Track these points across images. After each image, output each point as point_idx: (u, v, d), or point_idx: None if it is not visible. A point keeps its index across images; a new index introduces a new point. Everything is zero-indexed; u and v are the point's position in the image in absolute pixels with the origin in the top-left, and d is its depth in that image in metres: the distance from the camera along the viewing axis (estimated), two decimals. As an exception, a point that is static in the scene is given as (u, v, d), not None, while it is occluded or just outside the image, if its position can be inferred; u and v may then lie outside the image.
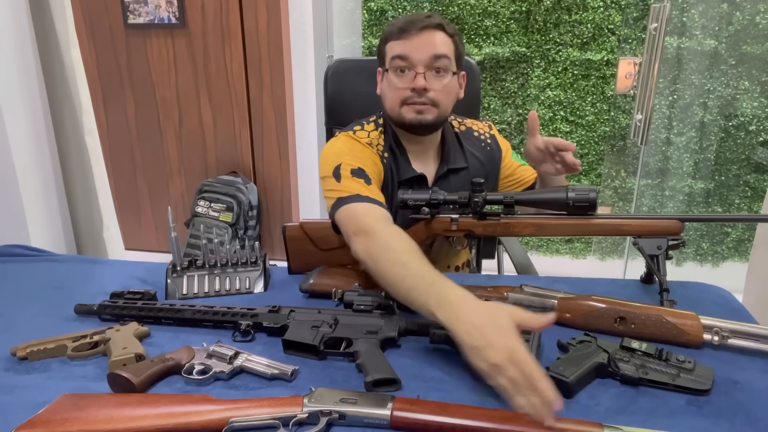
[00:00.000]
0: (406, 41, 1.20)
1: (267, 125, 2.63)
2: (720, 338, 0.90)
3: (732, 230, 2.73)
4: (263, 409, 0.75)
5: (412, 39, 1.20)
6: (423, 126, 1.24)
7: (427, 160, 1.32)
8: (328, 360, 0.91)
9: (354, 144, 1.25)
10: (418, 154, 1.30)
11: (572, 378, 0.80)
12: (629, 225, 1.08)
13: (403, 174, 1.27)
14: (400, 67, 1.21)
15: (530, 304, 1.00)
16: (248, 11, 2.48)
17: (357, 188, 1.11)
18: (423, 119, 1.22)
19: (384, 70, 1.25)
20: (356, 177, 1.14)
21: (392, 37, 1.22)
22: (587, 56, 2.57)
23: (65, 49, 1.79)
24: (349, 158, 1.18)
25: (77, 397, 0.79)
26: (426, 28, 1.19)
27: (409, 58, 1.20)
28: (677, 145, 2.65)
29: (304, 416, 0.75)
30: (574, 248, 2.90)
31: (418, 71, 1.19)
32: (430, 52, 1.19)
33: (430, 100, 1.21)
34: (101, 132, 2.41)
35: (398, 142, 1.29)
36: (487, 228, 1.13)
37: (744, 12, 2.42)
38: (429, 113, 1.22)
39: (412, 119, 1.22)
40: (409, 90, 1.20)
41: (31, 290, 1.18)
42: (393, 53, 1.22)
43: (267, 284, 1.17)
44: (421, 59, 1.19)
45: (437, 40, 1.20)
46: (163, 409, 0.76)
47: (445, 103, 1.23)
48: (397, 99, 1.22)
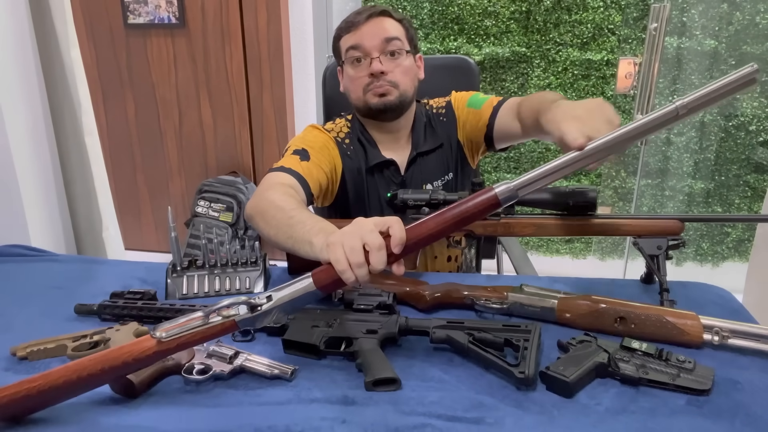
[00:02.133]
0: (356, 32, 1.25)
1: (267, 125, 2.63)
2: (720, 338, 0.90)
3: (732, 230, 2.73)
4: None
5: (361, 28, 1.25)
6: (388, 108, 1.27)
7: (399, 148, 1.35)
8: (328, 360, 0.91)
9: (311, 131, 1.33)
10: (388, 143, 1.34)
11: (572, 378, 0.80)
12: (629, 225, 1.08)
13: (371, 160, 1.32)
14: (356, 57, 1.26)
15: (530, 303, 1.00)
16: (248, 11, 2.48)
17: (288, 162, 1.19)
18: (387, 101, 1.26)
19: (341, 66, 1.32)
20: (294, 155, 1.22)
21: (343, 32, 1.28)
22: (587, 56, 2.57)
23: (65, 49, 1.78)
24: (298, 142, 1.27)
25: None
26: (372, 16, 1.25)
27: (361, 46, 1.25)
28: (677, 145, 2.65)
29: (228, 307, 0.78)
30: (574, 248, 2.90)
31: (373, 56, 1.24)
32: (381, 36, 1.24)
33: (389, 83, 1.26)
34: (101, 132, 2.41)
35: (365, 133, 1.33)
36: (487, 228, 1.13)
37: (744, 12, 2.42)
38: (391, 95, 1.26)
39: (377, 103, 1.27)
40: (367, 77, 1.25)
41: (31, 290, 1.18)
42: (346, 46, 1.27)
43: (267, 284, 1.17)
44: (374, 45, 1.24)
45: (386, 24, 1.26)
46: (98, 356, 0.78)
47: (404, 83, 1.27)
48: (359, 88, 1.28)
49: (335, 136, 1.33)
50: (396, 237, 0.77)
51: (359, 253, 0.76)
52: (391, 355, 0.89)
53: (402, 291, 1.06)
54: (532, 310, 0.99)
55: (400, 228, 0.78)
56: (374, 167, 1.32)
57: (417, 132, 1.35)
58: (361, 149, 1.33)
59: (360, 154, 1.32)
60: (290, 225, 0.93)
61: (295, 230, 0.91)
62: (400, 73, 1.27)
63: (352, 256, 0.75)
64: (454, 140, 1.38)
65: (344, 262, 0.76)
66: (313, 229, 0.88)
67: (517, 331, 0.89)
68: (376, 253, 0.76)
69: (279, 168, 1.18)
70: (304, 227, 0.90)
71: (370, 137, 1.34)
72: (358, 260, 0.75)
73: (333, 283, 0.78)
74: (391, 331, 0.92)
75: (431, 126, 1.38)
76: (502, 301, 1.00)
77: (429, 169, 1.35)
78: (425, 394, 0.80)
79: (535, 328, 0.89)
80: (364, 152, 1.32)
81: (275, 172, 1.17)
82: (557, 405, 0.78)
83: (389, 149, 1.34)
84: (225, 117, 2.65)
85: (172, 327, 0.77)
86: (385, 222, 0.79)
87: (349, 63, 1.28)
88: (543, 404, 0.79)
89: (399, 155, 1.34)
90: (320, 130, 1.33)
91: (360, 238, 0.77)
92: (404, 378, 0.83)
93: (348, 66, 1.28)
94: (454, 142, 1.38)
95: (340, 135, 1.34)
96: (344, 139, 1.33)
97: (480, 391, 0.82)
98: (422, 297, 1.05)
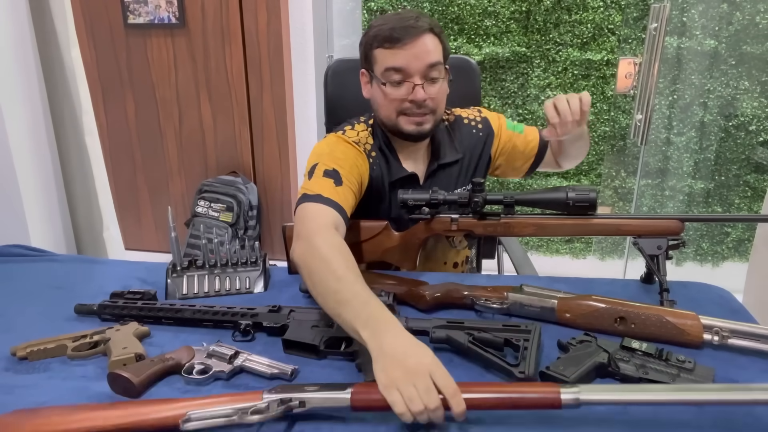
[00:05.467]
0: (400, 51, 1.14)
1: (267, 125, 2.63)
2: (720, 338, 0.90)
3: (732, 230, 2.73)
4: (222, 405, 0.74)
5: (407, 49, 1.14)
6: (422, 136, 1.23)
7: (418, 158, 1.31)
8: (328, 360, 0.91)
9: (338, 144, 1.22)
10: (408, 153, 1.29)
11: (572, 378, 0.80)
12: (629, 225, 1.08)
13: (394, 174, 1.26)
14: (396, 80, 1.16)
15: (530, 303, 1.00)
16: (248, 11, 2.48)
17: (323, 188, 1.10)
18: (422, 130, 1.20)
19: (371, 75, 1.22)
20: (327, 177, 1.12)
21: (381, 43, 1.17)
22: (587, 56, 2.57)
23: (65, 49, 1.79)
24: (327, 159, 1.16)
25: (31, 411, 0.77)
26: (418, 36, 1.14)
27: (404, 70, 1.15)
28: (677, 145, 2.65)
29: (263, 405, 0.74)
30: (574, 248, 2.90)
31: (416, 83, 1.15)
32: (425, 61, 1.15)
33: (429, 110, 1.19)
34: (101, 132, 2.41)
35: (388, 144, 1.27)
36: (487, 228, 1.13)
37: (744, 12, 2.42)
38: (428, 123, 1.20)
39: (412, 131, 1.20)
40: (407, 101, 1.17)
41: (31, 290, 1.18)
42: (386, 64, 1.16)
43: (267, 284, 1.17)
44: (418, 70, 1.15)
45: (430, 46, 1.15)
46: (119, 411, 0.75)
47: (440, 108, 1.23)
48: (393, 109, 1.19)
49: (363, 149, 1.25)
50: (456, 412, 0.73)
51: (418, 403, 0.72)
52: (391, 355, 0.89)
53: (402, 291, 1.06)
54: (532, 310, 0.99)
55: (459, 402, 0.73)
56: (396, 181, 1.26)
57: (437, 144, 1.30)
58: (384, 161, 1.26)
59: (383, 167, 1.26)
60: (337, 301, 0.87)
61: (342, 309, 0.86)
62: (438, 99, 1.20)
63: (413, 406, 0.72)
64: (484, 154, 1.36)
65: (402, 406, 0.73)
66: (359, 317, 0.83)
67: (517, 331, 0.89)
68: (432, 413, 0.73)
69: (316, 197, 1.08)
70: (352, 310, 0.85)
71: (393, 149, 1.28)
72: (418, 409, 0.72)
73: (372, 409, 0.75)
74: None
75: (450, 136, 1.33)
76: (502, 301, 1.00)
77: (449, 180, 1.31)
78: (425, 394, 0.80)
79: (535, 328, 0.89)
80: (387, 164, 1.27)
81: (314, 204, 1.07)
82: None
83: (410, 159, 1.29)
84: (225, 117, 2.64)
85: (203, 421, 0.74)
86: (443, 387, 0.73)
87: (389, 83, 1.17)
88: (543, 404, 0.78)
89: (419, 166, 1.30)
90: (348, 144, 1.23)
91: (414, 387, 0.73)
92: (404, 378, 0.83)
93: (387, 85, 1.18)
94: (485, 155, 1.36)
95: (367, 147, 1.26)
96: (371, 152, 1.26)
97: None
98: (422, 297, 1.05)
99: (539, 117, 2.69)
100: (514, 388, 0.73)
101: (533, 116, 2.70)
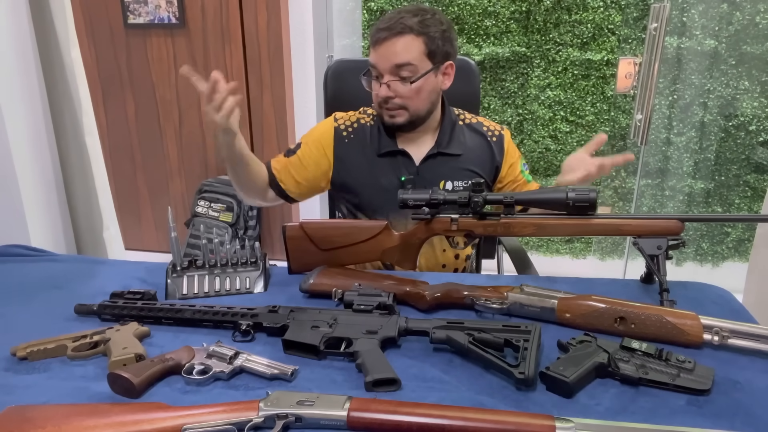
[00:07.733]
0: (375, 50, 1.28)
1: (267, 125, 2.63)
2: (720, 338, 0.90)
3: (732, 230, 2.73)
4: (218, 415, 0.74)
5: (378, 49, 1.27)
6: (397, 128, 1.34)
7: (420, 142, 1.38)
8: (328, 360, 0.91)
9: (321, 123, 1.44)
10: (407, 135, 1.37)
11: (572, 378, 0.80)
12: (629, 225, 1.08)
13: (383, 147, 1.37)
14: (375, 76, 1.30)
15: (530, 303, 1.00)
16: (248, 11, 2.48)
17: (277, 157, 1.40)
18: (395, 122, 1.32)
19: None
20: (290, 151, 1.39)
21: (370, 42, 1.30)
22: (587, 56, 2.57)
23: (65, 49, 1.78)
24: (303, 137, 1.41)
25: (24, 409, 0.77)
26: (388, 38, 1.25)
27: (376, 67, 1.29)
28: (677, 145, 2.65)
29: (259, 420, 0.74)
30: (574, 248, 2.90)
31: (383, 81, 1.28)
32: (391, 62, 1.26)
33: (397, 106, 1.29)
34: (101, 132, 2.40)
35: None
36: (487, 228, 1.13)
37: (744, 12, 2.42)
38: (400, 116, 1.31)
39: (386, 122, 1.34)
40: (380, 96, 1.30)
41: (31, 290, 1.18)
42: (369, 61, 1.30)
43: (267, 284, 1.17)
44: (385, 68, 1.27)
45: (398, 48, 1.25)
46: (113, 419, 0.74)
47: (415, 104, 1.30)
48: (376, 102, 1.33)
49: (340, 124, 1.39)
50: None
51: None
52: (391, 355, 0.89)
53: (402, 291, 1.06)
54: (532, 310, 0.99)
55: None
56: (386, 153, 1.36)
57: (444, 132, 1.38)
58: (377, 136, 1.37)
59: (374, 140, 1.37)
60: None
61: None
62: (410, 97, 1.29)
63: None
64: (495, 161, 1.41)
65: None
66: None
67: (517, 331, 0.89)
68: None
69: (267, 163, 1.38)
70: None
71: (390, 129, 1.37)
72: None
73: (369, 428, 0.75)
74: (391, 331, 0.92)
75: (460, 133, 1.40)
76: (502, 301, 1.00)
77: (445, 169, 1.37)
78: (425, 395, 0.80)
79: (535, 328, 0.89)
80: (378, 138, 1.37)
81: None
82: (557, 405, 0.78)
83: (407, 140, 1.37)
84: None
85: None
86: None
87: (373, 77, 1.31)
88: (543, 404, 0.79)
89: (416, 148, 1.37)
90: (327, 122, 1.41)
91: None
92: (404, 378, 0.83)
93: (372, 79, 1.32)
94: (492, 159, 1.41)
95: (346, 123, 1.40)
96: (348, 127, 1.39)
97: (480, 391, 0.82)
98: (422, 297, 1.05)
99: (539, 117, 2.69)
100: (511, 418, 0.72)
101: (533, 116, 2.70)
